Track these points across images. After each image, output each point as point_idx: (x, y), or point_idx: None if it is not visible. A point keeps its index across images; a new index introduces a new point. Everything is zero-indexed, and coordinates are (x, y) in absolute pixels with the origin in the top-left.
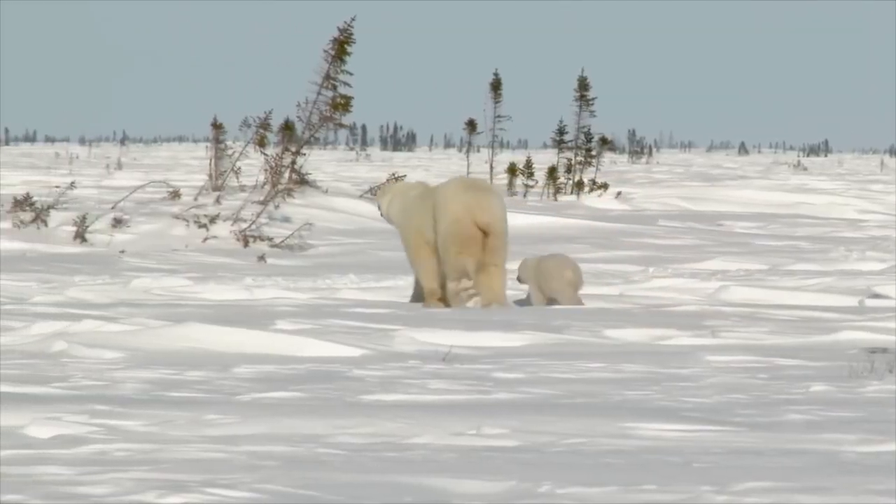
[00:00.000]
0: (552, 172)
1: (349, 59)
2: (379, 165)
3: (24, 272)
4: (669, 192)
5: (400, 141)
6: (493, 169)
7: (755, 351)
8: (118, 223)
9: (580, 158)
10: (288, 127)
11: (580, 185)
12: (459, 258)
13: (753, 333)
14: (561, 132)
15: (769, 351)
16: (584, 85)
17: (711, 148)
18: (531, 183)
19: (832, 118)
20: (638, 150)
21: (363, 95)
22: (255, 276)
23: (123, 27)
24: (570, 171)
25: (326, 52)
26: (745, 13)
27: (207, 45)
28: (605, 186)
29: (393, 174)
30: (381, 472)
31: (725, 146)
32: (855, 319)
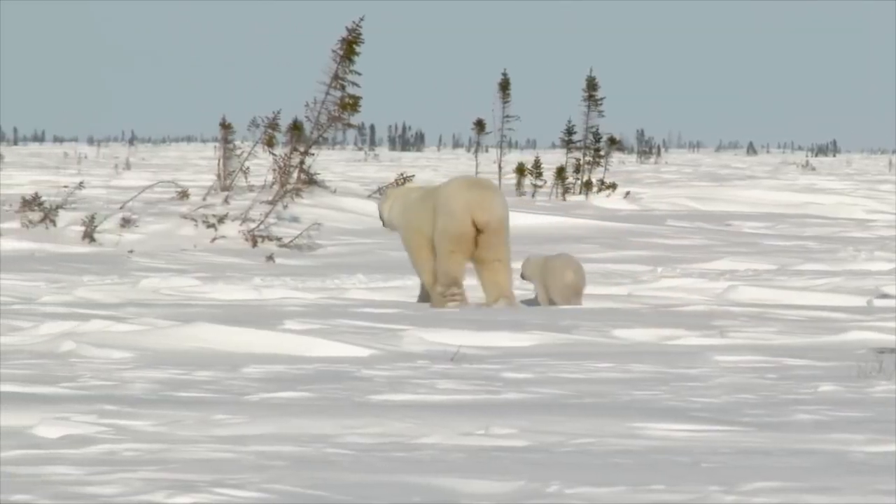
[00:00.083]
0: (561, 172)
1: (358, 58)
2: (387, 165)
3: (32, 272)
4: (678, 192)
5: (408, 141)
6: (501, 169)
7: (763, 351)
8: (127, 223)
9: (589, 158)
10: (296, 127)
11: (589, 185)
12: (452, 257)
13: (762, 333)
14: (569, 132)
15: (777, 351)
16: (592, 85)
17: (720, 148)
18: (540, 183)
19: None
20: (646, 150)
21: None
22: (263, 276)
23: (132, 27)
24: (578, 171)
25: (335, 52)
26: (754, 13)
27: (216, 45)
28: (613, 186)
29: (401, 174)
30: (389, 472)
31: (734, 146)
32: (863, 319)
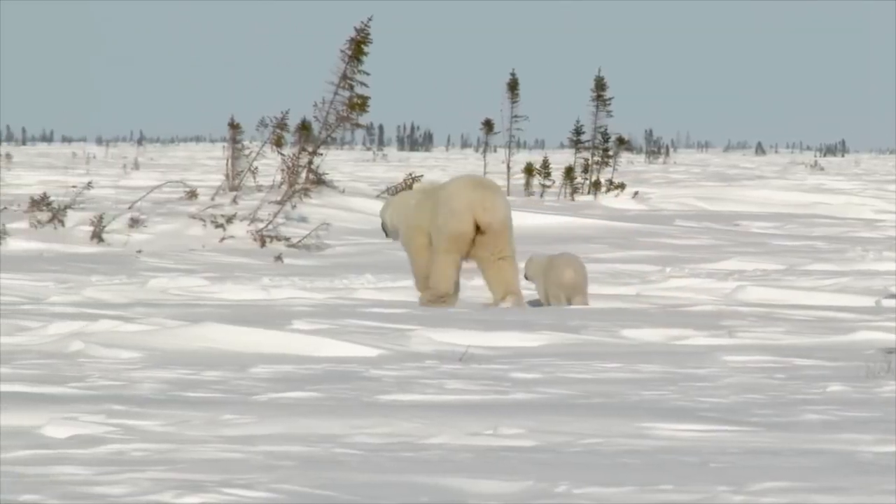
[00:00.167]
0: (569, 172)
1: (366, 59)
2: (396, 165)
3: (41, 272)
4: (686, 192)
5: (417, 141)
6: (510, 169)
7: (772, 351)
8: (135, 223)
9: (597, 158)
10: (305, 127)
11: (597, 185)
12: (447, 256)
13: (770, 333)
14: (578, 132)
15: (786, 351)
16: (601, 85)
17: (728, 148)
18: (548, 183)
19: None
20: (655, 150)
21: (380, 95)
22: (271, 276)
23: (141, 27)
24: (587, 171)
25: (343, 52)
26: (763, 13)
27: (225, 45)
28: (621, 186)
29: (410, 174)
30: (397, 472)
31: (742, 146)
32: (872, 320)
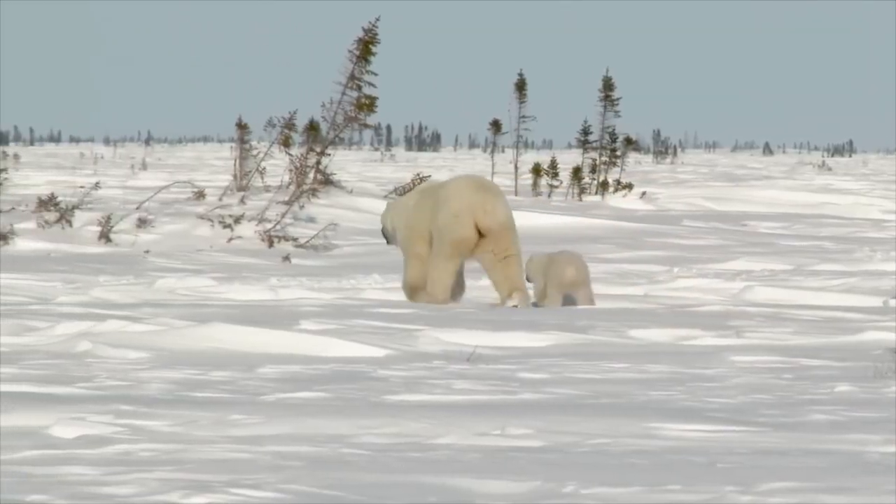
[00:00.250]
0: (577, 173)
1: (374, 59)
2: (404, 166)
3: (48, 272)
4: (694, 192)
5: (425, 141)
6: (517, 169)
7: (779, 351)
8: (143, 223)
9: (605, 159)
10: (313, 127)
11: (605, 185)
12: (449, 262)
13: (778, 334)
14: (585, 132)
15: (794, 351)
16: (608, 85)
17: (736, 148)
18: (556, 183)
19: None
20: (662, 150)
21: (388, 96)
22: (279, 276)
23: (148, 27)
24: (594, 171)
25: (351, 52)
26: (771, 13)
27: (232, 45)
28: (629, 186)
29: (417, 174)
30: (405, 472)
31: (750, 146)
32: (879, 320)
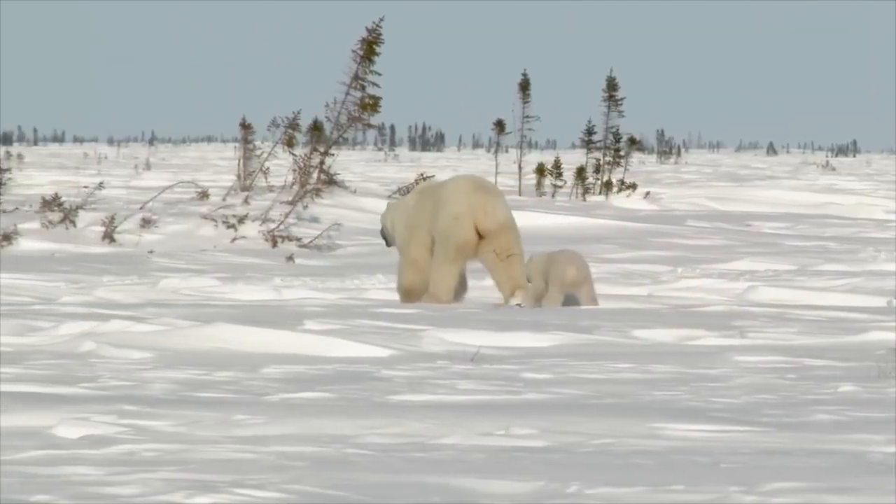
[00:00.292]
0: (581, 173)
1: (378, 59)
2: (407, 166)
3: (52, 272)
4: (698, 192)
5: (428, 141)
6: (521, 169)
7: (783, 351)
8: (146, 223)
9: (609, 159)
10: (316, 127)
11: (609, 185)
12: (453, 266)
13: (782, 334)
14: (589, 132)
15: (797, 351)
16: (612, 85)
17: (740, 148)
18: (560, 183)
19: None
20: (666, 150)
21: (392, 96)
22: (283, 276)
23: (152, 27)
24: (598, 171)
25: (355, 52)
26: (775, 14)
27: (236, 45)
28: (633, 187)
29: (421, 174)
30: (409, 472)
31: (754, 146)
32: (883, 320)
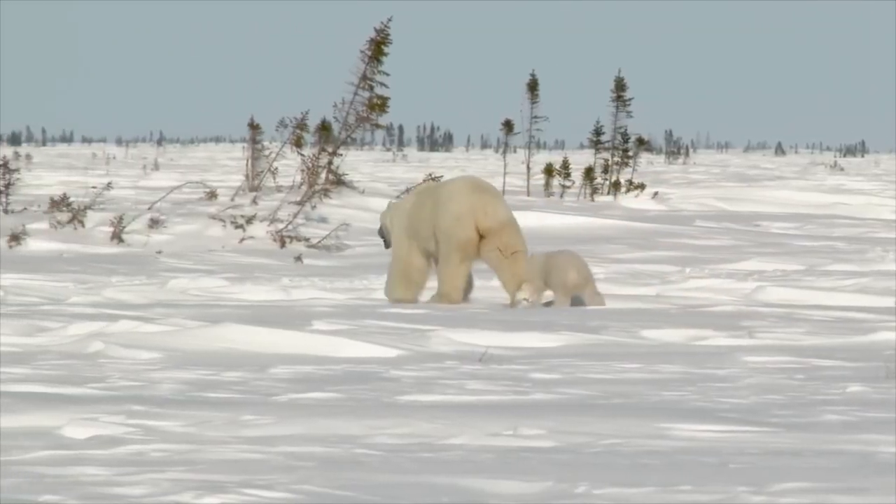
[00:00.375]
0: (589, 173)
1: (386, 59)
2: (416, 166)
3: (60, 273)
4: (706, 192)
5: (437, 141)
6: (529, 169)
7: (792, 351)
8: (155, 224)
9: (617, 159)
10: (325, 127)
11: (617, 185)
12: (460, 267)
13: (790, 334)
14: (598, 133)
15: (806, 351)
16: (620, 85)
17: (748, 148)
18: (568, 183)
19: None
20: (675, 150)
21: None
22: (291, 276)
23: (160, 27)
24: (606, 171)
25: (363, 52)
26: (783, 14)
27: (245, 45)
28: (641, 187)
29: (429, 174)
30: (417, 472)
31: (762, 147)
32: (891, 320)
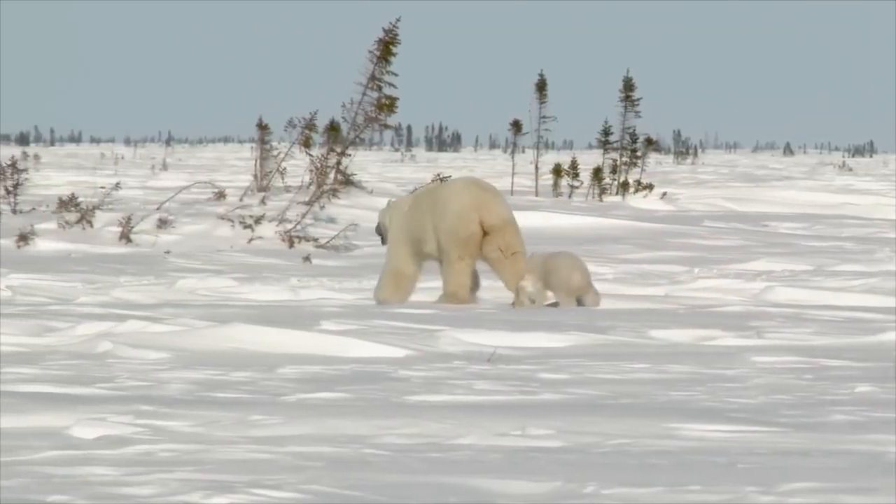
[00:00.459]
0: (597, 173)
1: (394, 59)
2: (424, 166)
3: (69, 273)
4: (714, 192)
5: (445, 142)
6: (538, 170)
7: (800, 352)
8: (163, 224)
9: (625, 159)
10: (333, 127)
11: (625, 185)
12: (461, 263)
13: (798, 334)
14: (606, 133)
15: (814, 352)
16: (629, 86)
17: (757, 149)
18: (576, 184)
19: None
20: (683, 150)
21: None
22: (300, 276)
23: (168, 27)
24: (615, 171)
25: (371, 52)
26: (791, 14)
27: (253, 45)
28: (650, 187)
29: (437, 175)
30: (425, 472)
31: (771, 147)
32: None
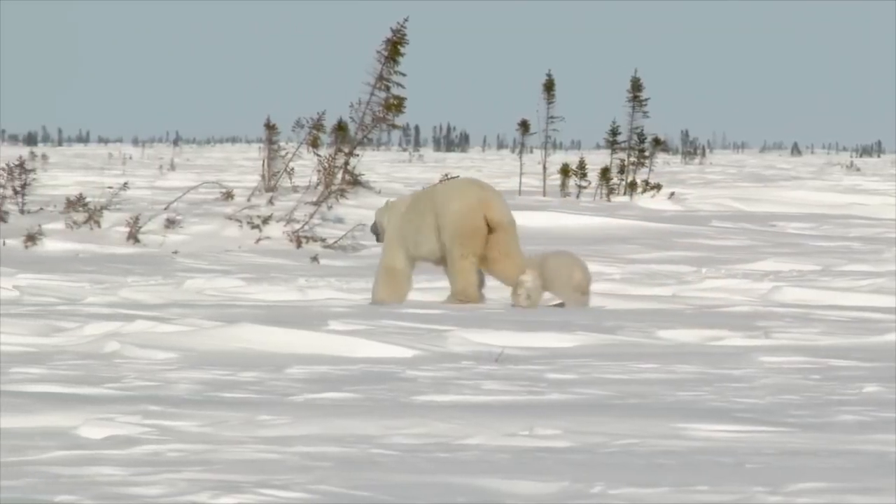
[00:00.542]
0: (605, 173)
1: (402, 59)
2: (432, 166)
3: (76, 273)
4: (722, 192)
5: (453, 142)
6: (546, 170)
7: (808, 352)
8: (171, 224)
9: (633, 159)
10: (341, 128)
11: (633, 185)
12: (464, 262)
13: (806, 334)
14: (614, 133)
15: (822, 352)
16: (637, 86)
17: (764, 149)
18: (584, 184)
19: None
20: (691, 150)
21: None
22: (308, 276)
23: (176, 27)
24: (623, 171)
25: (379, 52)
26: (799, 14)
27: (261, 45)
28: (658, 187)
29: (445, 175)
30: (433, 472)
31: (778, 147)
32: None
